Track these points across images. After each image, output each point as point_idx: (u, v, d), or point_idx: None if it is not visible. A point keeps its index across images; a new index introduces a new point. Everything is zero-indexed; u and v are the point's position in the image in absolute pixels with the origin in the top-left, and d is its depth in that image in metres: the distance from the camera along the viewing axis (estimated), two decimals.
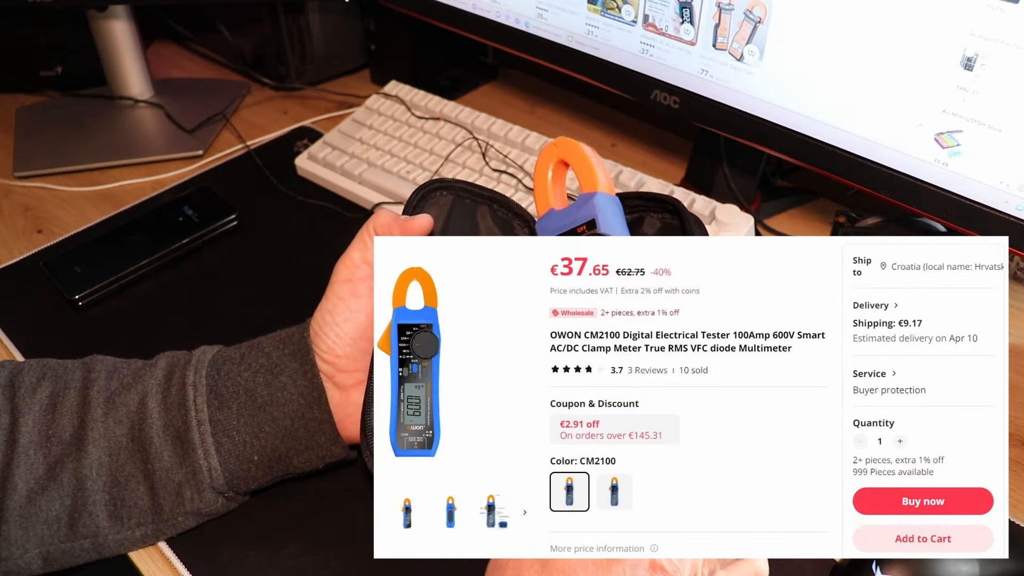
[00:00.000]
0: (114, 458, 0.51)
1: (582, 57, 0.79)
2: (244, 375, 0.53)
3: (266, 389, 0.52)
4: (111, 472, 0.51)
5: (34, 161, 0.91)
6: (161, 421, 0.51)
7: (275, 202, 0.84)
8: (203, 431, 0.51)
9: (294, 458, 0.53)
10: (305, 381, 0.52)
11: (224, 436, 0.52)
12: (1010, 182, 0.58)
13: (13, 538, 0.50)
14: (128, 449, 0.51)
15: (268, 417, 0.52)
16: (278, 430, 0.52)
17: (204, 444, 0.51)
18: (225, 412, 0.52)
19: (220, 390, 0.52)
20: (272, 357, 0.53)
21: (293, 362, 0.52)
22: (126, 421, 0.51)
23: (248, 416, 0.52)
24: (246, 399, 0.52)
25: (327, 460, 0.54)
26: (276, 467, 0.53)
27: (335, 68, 1.07)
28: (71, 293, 0.72)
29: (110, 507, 0.51)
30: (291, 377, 0.52)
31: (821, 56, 0.63)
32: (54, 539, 0.51)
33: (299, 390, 0.52)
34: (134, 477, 0.51)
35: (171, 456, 0.51)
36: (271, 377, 0.52)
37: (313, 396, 0.52)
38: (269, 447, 0.52)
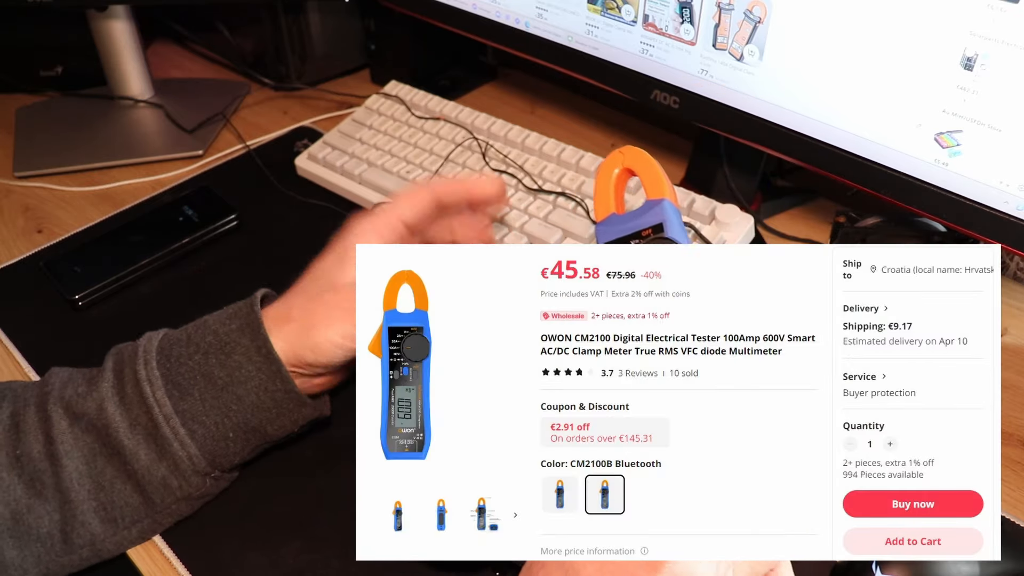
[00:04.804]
0: (91, 466, 0.51)
1: (582, 57, 0.79)
2: (195, 358, 0.52)
3: (222, 370, 0.52)
4: (92, 479, 0.51)
5: (34, 161, 0.91)
6: (126, 423, 0.51)
7: (275, 202, 0.84)
8: (173, 424, 0.51)
9: (267, 427, 0.53)
10: (260, 357, 0.52)
11: (195, 423, 0.52)
12: (1010, 182, 0.58)
13: (10, 560, 0.50)
14: (103, 455, 0.51)
15: (232, 396, 0.52)
16: (245, 407, 0.52)
17: (178, 436, 0.51)
18: (189, 401, 0.52)
19: (176, 379, 0.52)
20: (219, 335, 0.53)
21: (243, 338, 0.52)
22: (92, 429, 0.51)
23: (212, 399, 0.52)
24: (205, 384, 0.52)
25: (301, 423, 0.54)
26: (252, 438, 0.54)
27: (335, 68, 1.07)
28: (71, 293, 0.72)
29: (100, 513, 0.51)
30: (245, 355, 0.52)
31: (821, 56, 0.63)
32: (51, 555, 0.50)
33: (255, 366, 0.52)
34: (118, 479, 0.51)
35: (147, 454, 0.51)
36: (224, 357, 0.52)
37: (272, 370, 0.52)
38: (241, 422, 0.52)
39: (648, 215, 0.49)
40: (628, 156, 0.52)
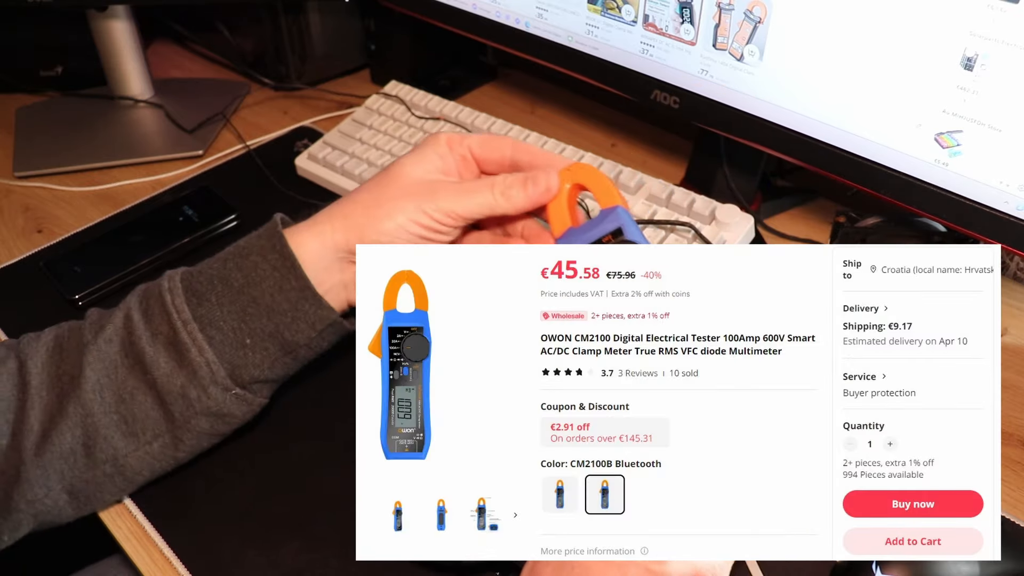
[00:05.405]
0: (112, 377, 0.52)
1: (582, 57, 0.79)
2: (214, 266, 0.54)
3: (239, 272, 0.53)
4: (114, 391, 0.51)
5: (34, 161, 0.91)
6: (148, 332, 0.52)
7: (275, 202, 0.84)
8: (191, 329, 0.51)
9: (284, 332, 0.53)
10: (275, 254, 0.52)
11: (213, 329, 0.52)
12: (1010, 182, 0.58)
13: (34, 478, 0.51)
14: (124, 365, 0.52)
15: (248, 299, 0.52)
16: (261, 309, 0.52)
17: (196, 342, 0.51)
18: (206, 306, 0.52)
19: (195, 287, 0.53)
20: (239, 244, 0.54)
21: (260, 240, 0.53)
22: (116, 339, 0.52)
23: (229, 303, 0.52)
24: (222, 288, 0.52)
25: (319, 327, 0.54)
26: (271, 346, 0.53)
27: (335, 68, 1.07)
28: (71, 293, 0.72)
29: (122, 426, 0.52)
30: (261, 254, 0.52)
31: (821, 56, 0.63)
32: (74, 471, 0.51)
33: (271, 264, 0.52)
34: (138, 390, 0.52)
35: (167, 362, 0.51)
36: (241, 260, 0.53)
37: (286, 267, 0.52)
38: (258, 327, 0.52)
39: (605, 223, 0.51)
40: (575, 172, 0.54)
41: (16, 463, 0.50)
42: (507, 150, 0.56)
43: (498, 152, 0.56)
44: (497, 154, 0.56)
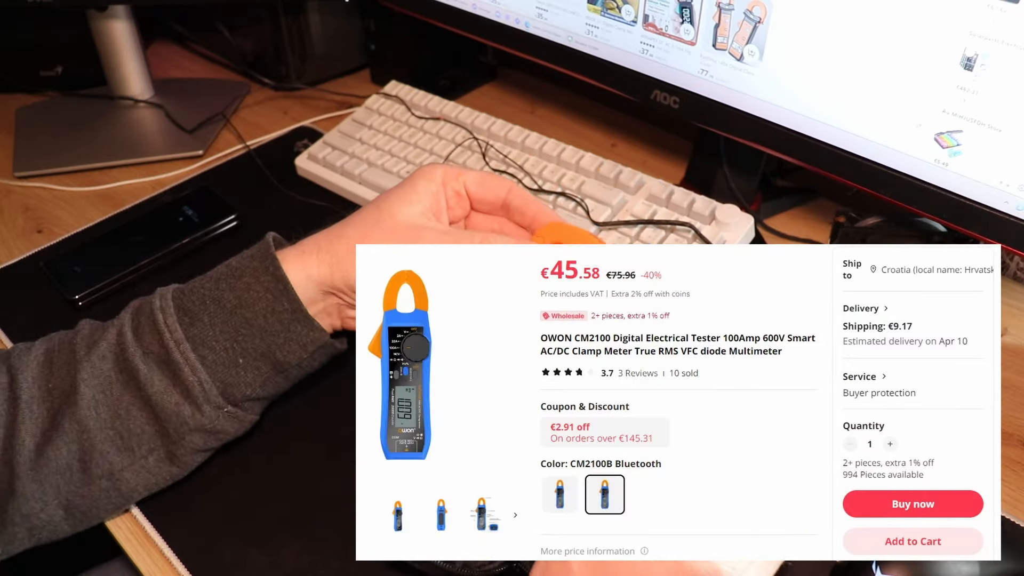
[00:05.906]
0: (108, 393, 0.52)
1: (582, 57, 0.79)
2: (207, 285, 0.54)
3: (231, 293, 0.53)
4: (109, 407, 0.52)
5: (34, 161, 0.91)
6: (140, 350, 0.52)
7: (275, 202, 0.84)
8: (183, 349, 0.52)
9: (276, 352, 0.53)
10: (268, 276, 0.53)
11: (205, 348, 0.52)
12: (1010, 182, 0.58)
13: (30, 493, 0.51)
14: (119, 381, 0.52)
15: (241, 320, 0.53)
16: (254, 330, 0.53)
17: (189, 362, 0.52)
18: (199, 326, 0.52)
19: (188, 306, 0.53)
20: (232, 264, 0.54)
21: (253, 262, 0.53)
22: (109, 356, 0.52)
23: (222, 323, 0.53)
24: (215, 308, 0.53)
25: (310, 348, 0.54)
26: (263, 365, 0.54)
27: (335, 68, 1.07)
28: (71, 293, 0.72)
29: (117, 441, 0.52)
30: (254, 276, 0.53)
31: (821, 56, 0.63)
32: (70, 486, 0.51)
33: (264, 286, 0.53)
34: (133, 405, 0.52)
35: (161, 380, 0.52)
36: (234, 280, 0.53)
37: (279, 289, 0.52)
38: (250, 348, 0.53)
39: None
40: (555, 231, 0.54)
41: (8, 477, 0.51)
42: (502, 192, 0.56)
43: (493, 193, 0.56)
44: (492, 195, 0.56)
